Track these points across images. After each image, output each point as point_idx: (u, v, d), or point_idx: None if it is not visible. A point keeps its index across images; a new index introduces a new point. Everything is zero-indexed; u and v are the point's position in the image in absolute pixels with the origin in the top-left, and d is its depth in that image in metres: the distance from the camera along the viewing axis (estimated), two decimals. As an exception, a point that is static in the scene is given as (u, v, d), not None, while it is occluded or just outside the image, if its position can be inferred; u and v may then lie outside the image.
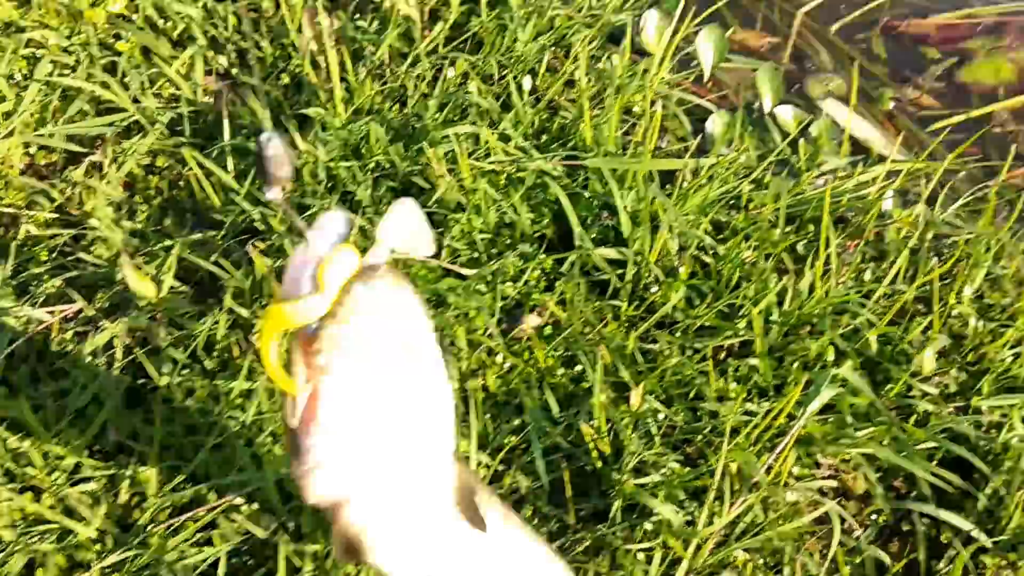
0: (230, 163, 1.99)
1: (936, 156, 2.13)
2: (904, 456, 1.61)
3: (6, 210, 2.01)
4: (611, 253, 1.83)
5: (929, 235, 1.96)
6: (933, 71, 2.38)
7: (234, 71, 2.25)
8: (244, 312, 1.76)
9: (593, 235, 1.91)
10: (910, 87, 2.35)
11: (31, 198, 2.03)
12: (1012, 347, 1.78)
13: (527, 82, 2.17)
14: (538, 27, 2.26)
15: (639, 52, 2.33)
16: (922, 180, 2.07)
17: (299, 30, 2.22)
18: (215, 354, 1.75)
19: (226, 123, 2.03)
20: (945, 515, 1.59)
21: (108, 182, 2.04)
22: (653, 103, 2.18)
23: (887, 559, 1.60)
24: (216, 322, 1.76)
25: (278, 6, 2.34)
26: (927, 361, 1.73)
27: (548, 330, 1.79)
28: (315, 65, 2.16)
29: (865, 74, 2.38)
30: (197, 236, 1.93)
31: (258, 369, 1.69)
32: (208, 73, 2.22)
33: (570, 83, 2.20)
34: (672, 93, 2.22)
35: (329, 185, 1.95)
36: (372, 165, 1.96)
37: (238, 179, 1.97)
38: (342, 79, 2.10)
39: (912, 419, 1.70)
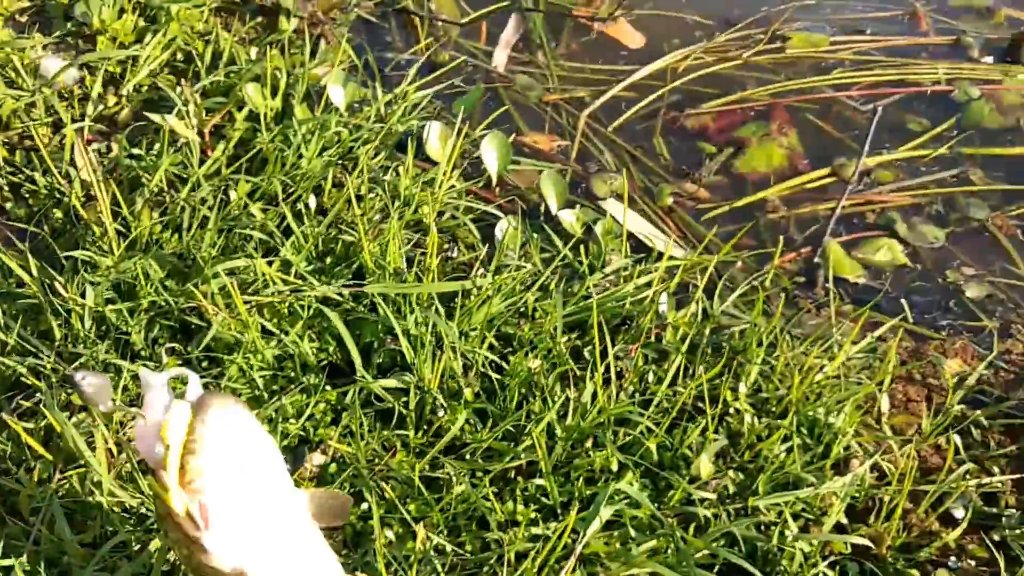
0: (-2, 310, 1.89)
1: (714, 248, 2.18)
2: (684, 569, 1.61)
3: None
4: (392, 383, 1.80)
5: (707, 331, 1.99)
6: (710, 165, 2.44)
7: (8, 205, 2.15)
8: (3, 480, 1.66)
9: (380, 360, 1.88)
10: (688, 181, 2.40)
11: None
12: (785, 441, 1.82)
13: (312, 201, 2.13)
14: (323, 141, 2.23)
15: (428, 161, 2.32)
16: (699, 274, 2.11)
17: (72, 161, 2.13)
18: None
19: (-8, 270, 1.93)
20: (725, 626, 1.60)
21: None
22: (441, 214, 2.18)
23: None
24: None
25: (55, 132, 2.25)
26: (704, 466, 1.75)
27: (333, 468, 1.74)
28: (91, 198, 2.08)
29: (646, 171, 2.43)
30: (-38, 394, 1.82)
31: (19, 544, 1.58)
32: (-22, 210, 2.12)
33: (358, 198, 2.17)
34: (460, 202, 2.21)
35: (101, 330, 1.87)
36: (146, 305, 1.88)
37: (6, 328, 1.86)
38: (116, 212, 2.02)
39: (693, 526, 1.71)
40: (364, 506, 1.70)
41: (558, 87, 2.61)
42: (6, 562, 1.56)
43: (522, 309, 2.00)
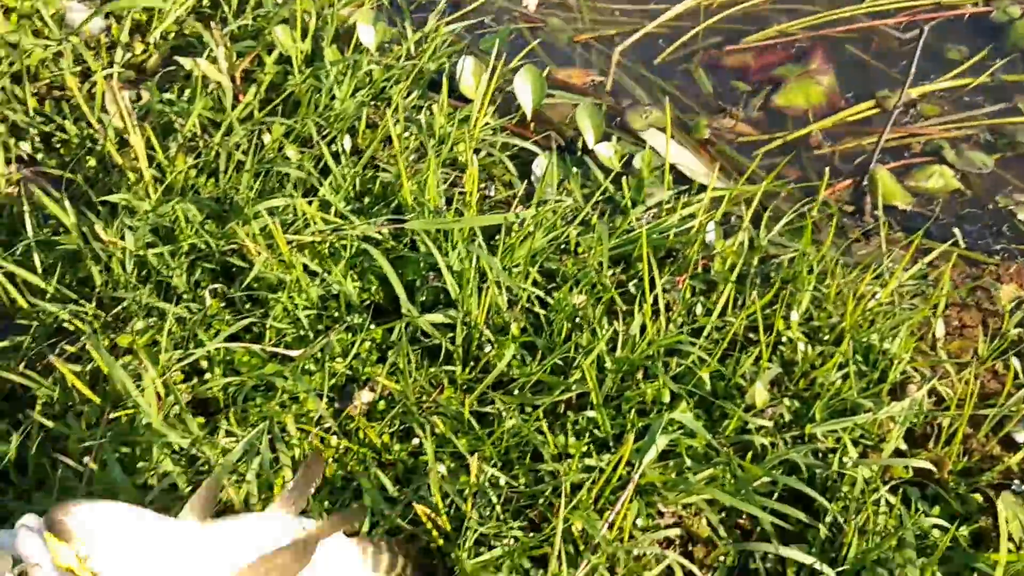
0: (36, 260, 1.88)
1: (756, 182, 2.15)
2: (743, 496, 1.60)
3: None
4: (438, 318, 1.78)
5: (754, 261, 1.96)
6: (752, 102, 2.40)
7: (39, 156, 2.14)
8: (52, 425, 1.66)
9: (424, 298, 1.87)
10: (726, 117, 2.37)
11: None
12: (840, 368, 1.80)
13: (347, 142, 2.11)
14: (355, 82, 2.20)
15: (461, 99, 2.30)
16: (743, 205, 2.08)
17: (103, 108, 2.12)
18: (29, 472, 1.64)
19: (28, 218, 1.92)
20: (786, 552, 1.58)
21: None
22: (476, 151, 2.15)
23: (736, 602, 1.60)
24: (27, 438, 1.65)
25: (83, 81, 2.24)
26: (759, 394, 1.73)
27: (382, 405, 1.74)
28: (124, 144, 2.07)
29: (682, 107, 2.40)
30: (4, 344, 1.81)
31: (72, 486, 1.59)
32: (9, 162, 2.11)
33: (392, 138, 2.14)
34: (496, 139, 2.19)
35: (143, 274, 1.86)
36: (186, 248, 1.87)
37: (45, 276, 1.86)
38: (151, 157, 2.01)
39: (750, 455, 1.69)
40: (415, 442, 1.70)
41: (589, 26, 2.57)
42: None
43: (564, 245, 1.98)
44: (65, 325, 1.81)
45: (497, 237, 1.94)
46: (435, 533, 1.57)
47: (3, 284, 1.84)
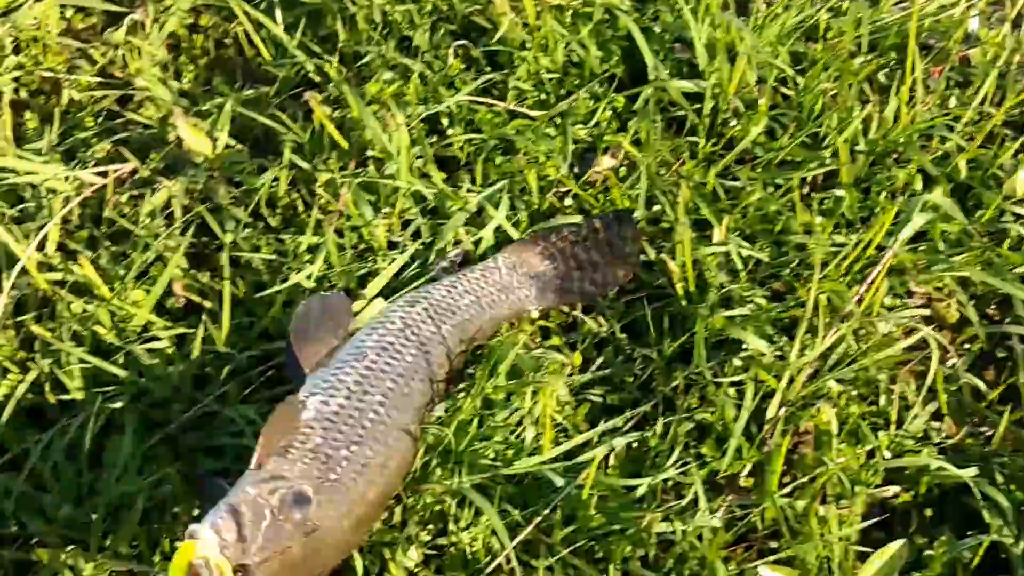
0: (279, 14, 2.00)
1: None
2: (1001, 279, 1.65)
3: (46, 75, 2.03)
4: (688, 86, 1.85)
5: (1016, 57, 1.96)
6: None
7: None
8: (305, 165, 1.80)
9: (665, 71, 1.93)
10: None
11: (71, 62, 2.06)
12: (1109, 169, 1.80)
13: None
14: None
15: None
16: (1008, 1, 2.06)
17: None
18: (278, 211, 1.80)
19: (272, -27, 2.04)
20: (1043, 335, 1.64)
21: (151, 43, 2.06)
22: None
23: (983, 386, 1.65)
24: (277, 178, 1.80)
25: None
26: (1019, 183, 1.76)
27: (623, 172, 1.83)
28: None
29: None
30: (249, 93, 1.96)
31: (324, 223, 1.73)
32: (248, -79, 2.22)
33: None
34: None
35: (385, 31, 1.97)
36: (429, 8, 1.97)
37: (288, 30, 1.99)
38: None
39: (1006, 244, 1.73)
40: (655, 208, 1.78)
41: None
42: (314, 240, 1.72)
43: (810, 32, 2.02)
44: (310, 77, 1.94)
45: (743, 19, 1.97)
46: (680, 292, 1.67)
47: (249, 36, 1.98)
